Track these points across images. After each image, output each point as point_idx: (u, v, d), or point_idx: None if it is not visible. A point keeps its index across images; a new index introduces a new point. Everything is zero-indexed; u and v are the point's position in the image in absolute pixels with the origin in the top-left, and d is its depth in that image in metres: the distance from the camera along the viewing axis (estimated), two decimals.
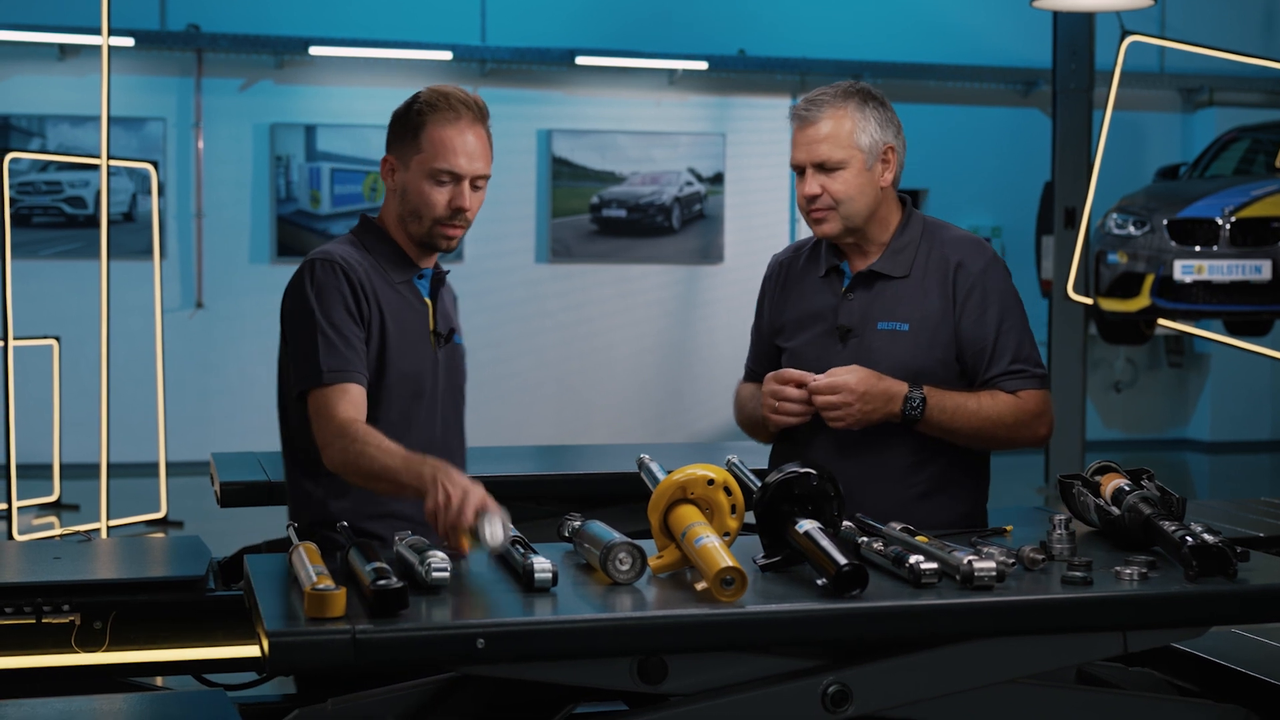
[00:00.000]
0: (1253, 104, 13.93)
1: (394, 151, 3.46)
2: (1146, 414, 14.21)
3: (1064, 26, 10.80)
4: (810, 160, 3.54)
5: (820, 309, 3.64)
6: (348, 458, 3.21)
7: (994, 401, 3.51)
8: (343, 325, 3.33)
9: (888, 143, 3.58)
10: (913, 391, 3.43)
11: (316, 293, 3.35)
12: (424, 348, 3.46)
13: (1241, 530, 4.45)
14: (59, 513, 9.61)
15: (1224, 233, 10.73)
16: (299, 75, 12.42)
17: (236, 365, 12.01)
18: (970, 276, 3.56)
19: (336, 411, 3.25)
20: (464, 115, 3.40)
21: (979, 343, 3.54)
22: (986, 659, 2.87)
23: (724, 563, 2.71)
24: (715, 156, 13.15)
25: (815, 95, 3.57)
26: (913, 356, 3.51)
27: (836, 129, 3.53)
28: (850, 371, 3.42)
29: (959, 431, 3.49)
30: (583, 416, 12.65)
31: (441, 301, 3.55)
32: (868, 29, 13.35)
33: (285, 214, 12.26)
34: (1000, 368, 3.54)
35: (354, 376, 3.30)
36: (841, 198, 3.53)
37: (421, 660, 2.73)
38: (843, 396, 3.40)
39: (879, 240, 3.62)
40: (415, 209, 3.42)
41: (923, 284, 3.57)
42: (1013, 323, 3.57)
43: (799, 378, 3.47)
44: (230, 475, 4.67)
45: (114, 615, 3.84)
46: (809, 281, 3.70)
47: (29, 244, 11.71)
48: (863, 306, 3.59)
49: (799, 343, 3.66)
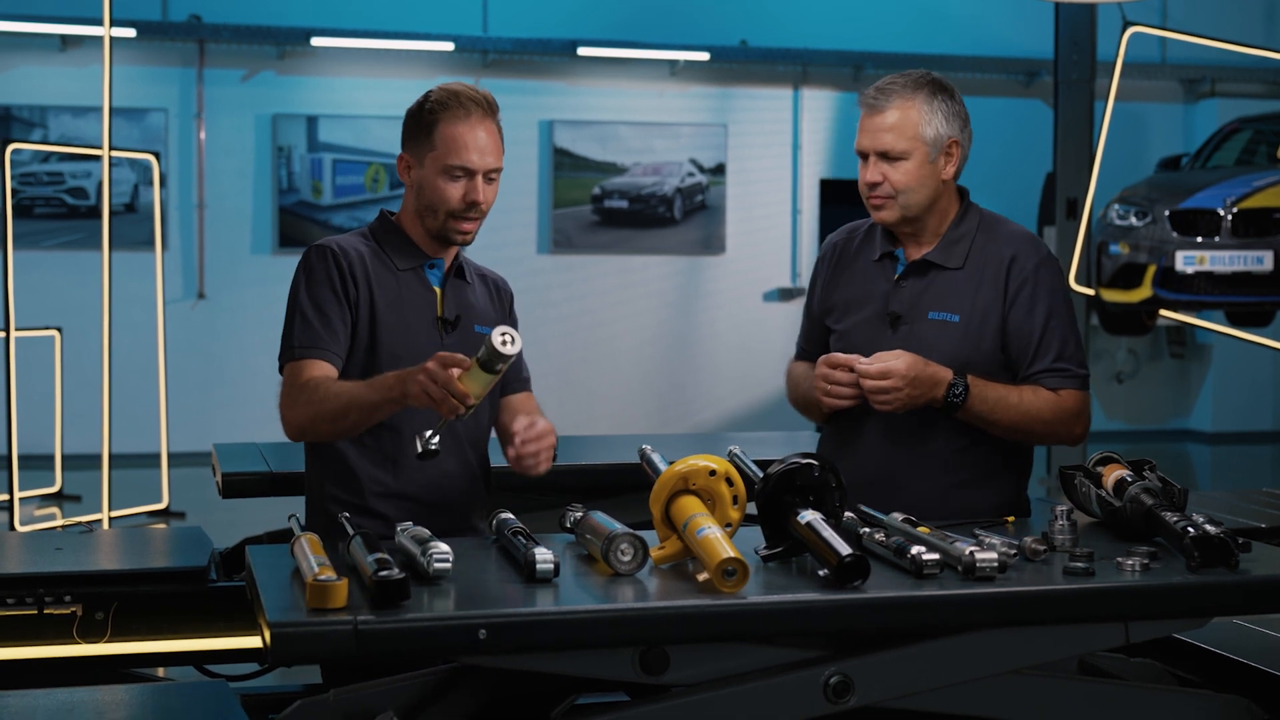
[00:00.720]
0: (1254, 95, 13.92)
1: (409, 150, 3.54)
2: (1148, 405, 14.21)
3: (1066, 17, 10.79)
4: (874, 148, 3.56)
5: (872, 293, 3.66)
6: (310, 409, 3.34)
7: (1035, 397, 3.52)
8: (325, 305, 3.43)
9: (952, 136, 3.59)
10: (957, 379, 3.44)
11: (305, 277, 3.48)
12: (426, 333, 3.49)
13: (1243, 521, 4.45)
14: (61, 503, 9.61)
15: (1226, 223, 10.72)
16: (301, 66, 12.41)
17: (238, 356, 12.01)
18: (1024, 272, 3.57)
19: (297, 378, 3.39)
20: (474, 112, 3.47)
21: (1025, 337, 3.55)
22: (988, 650, 2.87)
23: (726, 553, 2.71)
24: (717, 147, 13.14)
25: (886, 83, 3.58)
26: (960, 348, 3.53)
27: (903, 119, 3.54)
28: (898, 357, 3.42)
29: (998, 423, 3.50)
30: (584, 407, 12.65)
31: (459, 292, 3.58)
32: (870, 19, 13.34)
33: (287, 205, 12.26)
34: (1044, 364, 3.54)
35: (325, 354, 3.42)
36: (902, 187, 3.55)
37: (423, 651, 2.73)
38: (891, 381, 3.40)
39: (935, 230, 3.63)
40: (431, 204, 3.49)
41: (976, 276, 3.58)
42: (1060, 321, 3.57)
43: (849, 362, 3.47)
44: (232, 466, 4.67)
45: (116, 606, 3.85)
46: (862, 264, 3.71)
47: (31, 235, 11.71)
48: (914, 295, 3.60)
49: (848, 325, 3.67)
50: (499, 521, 3.14)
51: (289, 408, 3.39)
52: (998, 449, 3.57)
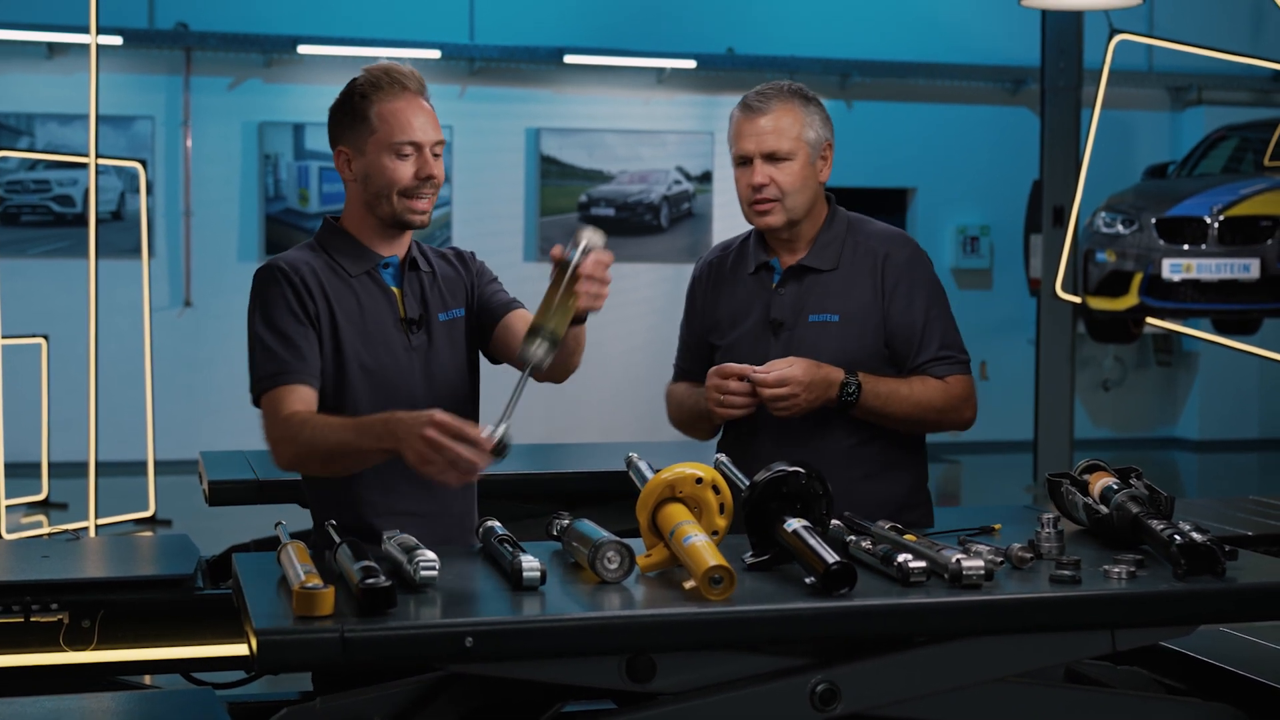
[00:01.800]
0: (1241, 102, 13.96)
1: (345, 142, 3.39)
2: (1135, 413, 14.23)
3: (1052, 25, 10.81)
4: (760, 150, 3.62)
5: (753, 305, 3.71)
6: (298, 448, 3.18)
7: (925, 387, 3.60)
8: (285, 327, 3.28)
9: (828, 139, 3.69)
10: (849, 378, 3.51)
11: (260, 303, 3.31)
12: (391, 337, 3.38)
13: (1230, 529, 4.45)
14: (47, 511, 9.59)
15: (1212, 231, 10.75)
16: (287, 74, 12.41)
17: (225, 364, 11.98)
18: (897, 267, 3.65)
19: (279, 410, 3.22)
20: (410, 85, 3.37)
21: (908, 330, 3.63)
22: (975, 657, 2.87)
23: (712, 561, 2.71)
24: (703, 155, 13.15)
25: (763, 89, 3.68)
26: (843, 346, 3.59)
27: (786, 122, 3.63)
28: (792, 364, 3.48)
29: (892, 416, 3.58)
30: (572, 415, 12.64)
31: (416, 286, 3.45)
32: (856, 27, 13.36)
33: (274, 212, 12.25)
34: (929, 354, 3.63)
35: (294, 377, 3.25)
36: (788, 189, 3.61)
37: (410, 659, 2.72)
38: (789, 389, 3.46)
39: (808, 235, 3.70)
40: (380, 189, 3.36)
41: (850, 275, 3.66)
42: (939, 311, 3.67)
43: (741, 371, 3.51)
44: (219, 474, 4.67)
45: (102, 614, 3.85)
46: (740, 279, 3.77)
47: (17, 242, 11.70)
48: (794, 300, 3.66)
49: (733, 338, 3.72)
50: (485, 529, 3.13)
51: (276, 443, 3.23)
52: (893, 441, 3.65)
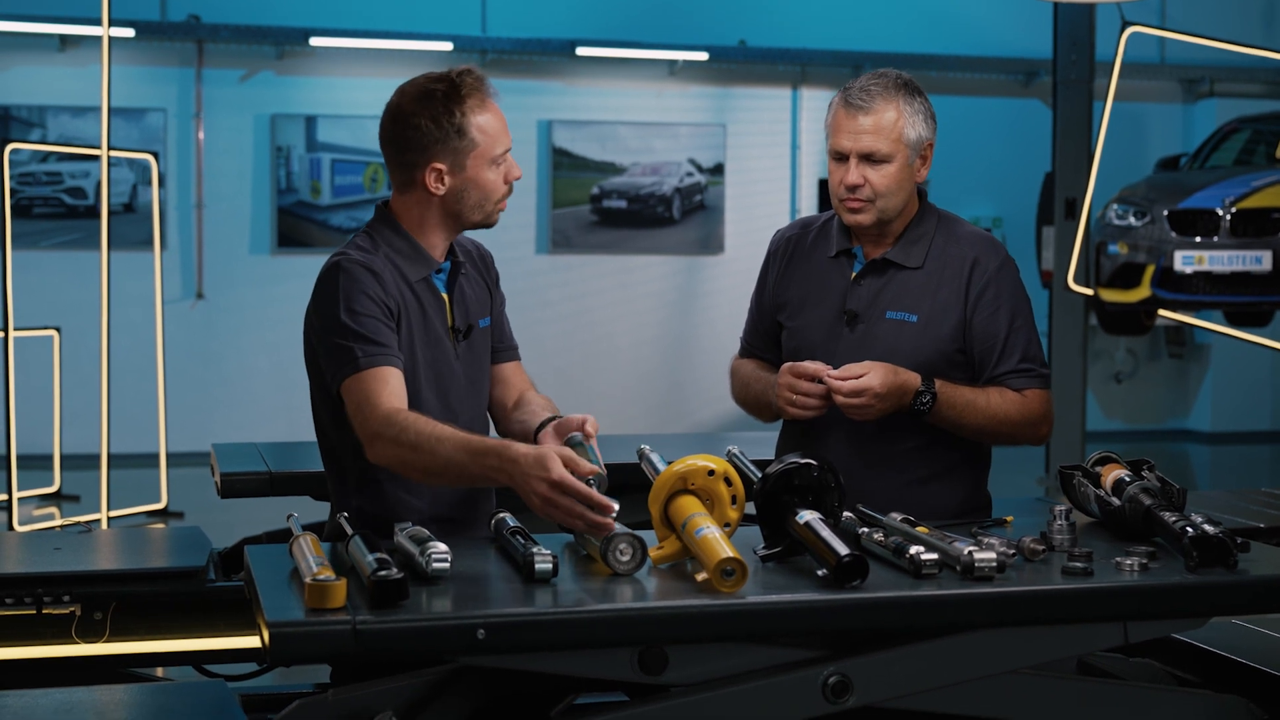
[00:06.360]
0: (1253, 95, 13.92)
1: (442, 159, 3.39)
2: (1147, 405, 14.20)
3: (1065, 17, 10.78)
4: (857, 149, 3.50)
5: (828, 290, 3.63)
6: (401, 452, 3.10)
7: (1002, 399, 3.51)
8: (374, 314, 3.25)
9: (929, 139, 3.57)
10: (924, 388, 3.42)
11: (341, 294, 3.26)
12: (445, 345, 3.40)
13: (1242, 521, 4.45)
14: (59, 503, 9.60)
15: (1224, 223, 10.72)
16: (299, 66, 12.40)
17: (237, 356, 11.99)
18: (986, 274, 3.55)
19: (379, 402, 3.14)
20: (484, 89, 3.45)
21: (990, 339, 3.53)
22: (987, 650, 2.87)
23: (724, 553, 2.71)
24: (716, 147, 13.14)
25: (867, 84, 3.53)
26: (917, 348, 3.51)
27: (888, 122, 3.49)
28: (869, 371, 3.38)
29: (965, 426, 3.49)
30: (583, 407, 12.42)
31: (461, 294, 3.49)
32: (869, 19, 13.34)
33: (286, 205, 12.25)
34: (1009, 365, 3.53)
35: (391, 360, 3.22)
36: (883, 191, 3.51)
37: (422, 651, 2.72)
38: (865, 399, 3.38)
39: (896, 230, 3.60)
40: (479, 201, 3.45)
41: (935, 276, 3.56)
42: (1023, 322, 3.56)
43: (815, 372, 3.42)
44: (231, 466, 4.67)
45: (114, 606, 3.85)
46: (817, 260, 3.67)
47: (29, 235, 11.70)
48: (872, 293, 3.57)
49: (802, 322, 3.64)
50: (497, 521, 3.13)
51: (374, 439, 3.14)
52: (956, 445, 3.56)
